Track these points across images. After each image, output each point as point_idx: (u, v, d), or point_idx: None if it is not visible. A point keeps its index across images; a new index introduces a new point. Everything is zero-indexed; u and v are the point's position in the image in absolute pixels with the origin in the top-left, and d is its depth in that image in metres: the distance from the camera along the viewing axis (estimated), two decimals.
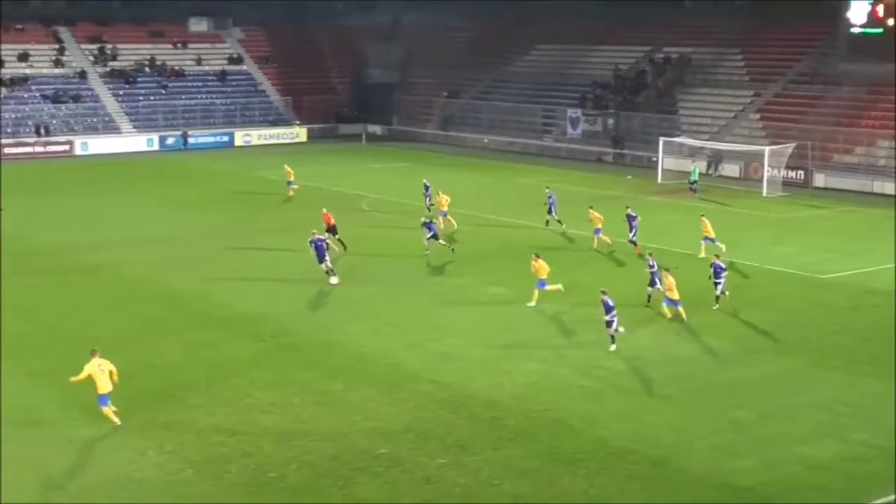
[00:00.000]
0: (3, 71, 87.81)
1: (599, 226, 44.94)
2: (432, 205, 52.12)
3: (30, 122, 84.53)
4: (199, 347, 31.95)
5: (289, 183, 59.12)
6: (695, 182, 60.80)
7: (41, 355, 31.37)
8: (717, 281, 35.50)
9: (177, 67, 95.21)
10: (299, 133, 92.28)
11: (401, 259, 43.19)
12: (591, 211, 45.67)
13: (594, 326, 33.35)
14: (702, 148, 70.01)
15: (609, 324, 31.21)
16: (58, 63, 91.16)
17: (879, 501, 21.39)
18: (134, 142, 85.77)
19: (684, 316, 33.82)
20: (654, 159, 68.72)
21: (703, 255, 42.28)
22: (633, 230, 44.08)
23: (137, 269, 41.62)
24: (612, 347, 31.18)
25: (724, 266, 35.76)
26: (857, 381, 28.92)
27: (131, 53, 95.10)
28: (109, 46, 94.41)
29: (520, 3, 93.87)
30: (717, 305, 35.53)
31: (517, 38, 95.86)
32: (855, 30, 70.96)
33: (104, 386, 25.38)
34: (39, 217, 54.09)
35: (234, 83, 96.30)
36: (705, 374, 29.64)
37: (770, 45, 79.57)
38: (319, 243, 39.27)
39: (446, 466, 23.24)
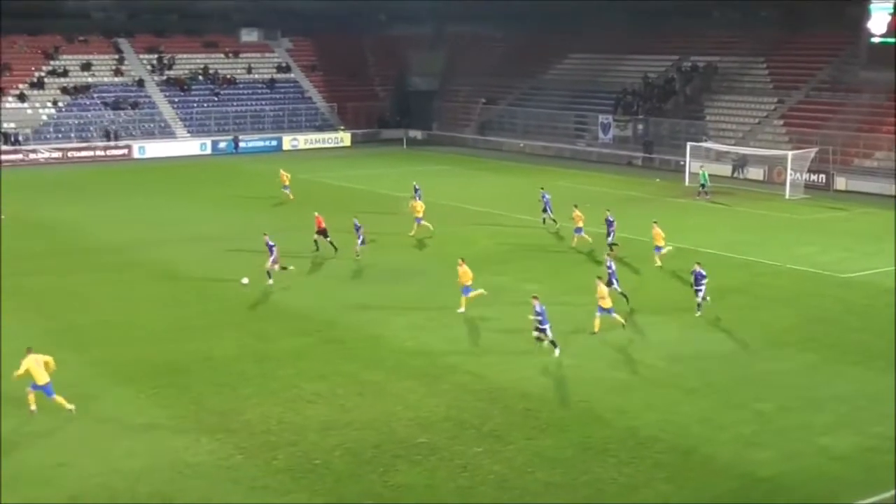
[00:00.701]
0: (67, 80, 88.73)
1: (581, 224, 44.69)
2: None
3: (91, 128, 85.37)
4: (250, 340, 32.12)
5: (284, 187, 58.79)
6: (704, 185, 60.32)
7: (101, 346, 31.68)
8: (698, 288, 34.06)
9: (228, 76, 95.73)
10: (344, 138, 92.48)
11: (440, 257, 43.24)
12: (574, 210, 45.42)
13: (626, 323, 33.38)
14: (727, 152, 69.62)
15: (543, 330, 29.95)
16: (118, 72, 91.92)
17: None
18: (188, 146, 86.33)
19: (622, 321, 32.48)
20: (682, 163, 68.39)
21: (658, 263, 41.10)
22: (611, 234, 43.59)
23: (190, 266, 41.91)
24: (557, 353, 30.01)
25: (704, 273, 34.15)
26: (875, 376, 28.67)
27: (186, 63, 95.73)
28: (166, 56, 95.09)
29: (554, 15, 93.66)
30: (700, 312, 34.13)
31: (552, 48, 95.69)
32: (875, 39, 70.32)
33: (42, 377, 25.58)
34: (101, 216, 54.58)
35: (282, 90, 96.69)
36: (730, 367, 29.47)
37: (793, 54, 78.98)
38: (271, 245, 38.93)
39: (482, 455, 23.27)
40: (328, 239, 43.60)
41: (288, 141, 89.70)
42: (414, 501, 21.24)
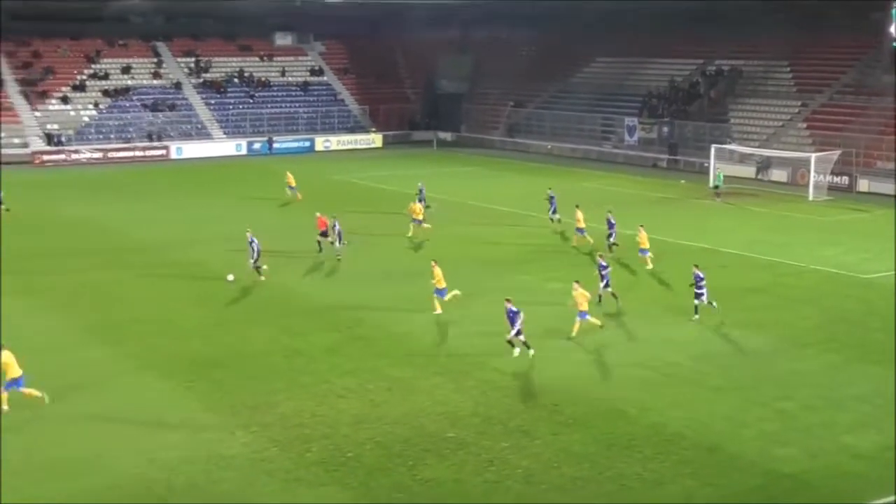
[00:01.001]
0: (108, 82, 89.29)
1: (582, 225, 44.46)
2: (428, 206, 51.54)
3: (131, 129, 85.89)
4: (281, 336, 32.18)
5: (291, 187, 58.75)
6: (718, 187, 59.81)
7: (137, 341, 31.82)
8: (699, 291, 33.27)
9: (263, 79, 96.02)
10: (375, 139, 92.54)
11: (467, 256, 43.21)
12: (576, 210, 45.19)
13: (650, 321, 33.25)
14: (751, 154, 69.19)
15: (518, 332, 29.47)
16: (156, 75, 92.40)
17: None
18: (224, 147, 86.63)
19: (599, 323, 31.96)
20: (706, 165, 67.98)
21: (649, 266, 40.51)
22: (612, 234, 43.15)
23: (223, 264, 41.96)
24: (531, 353, 29.55)
25: (702, 276, 33.33)
26: None
27: (222, 66, 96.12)
28: (203, 60, 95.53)
29: (581, 19, 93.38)
30: (697, 316, 33.36)
31: (579, 52, 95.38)
32: None
33: (16, 371, 25.69)
34: (137, 215, 54.83)
35: (315, 93, 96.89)
36: (753, 366, 29.25)
37: (817, 58, 78.35)
38: (253, 241, 39.11)
39: (509, 450, 23.19)
40: (329, 239, 43.42)
41: (321, 142, 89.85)
42: (442, 495, 21.19)
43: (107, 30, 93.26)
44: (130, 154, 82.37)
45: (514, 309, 29.52)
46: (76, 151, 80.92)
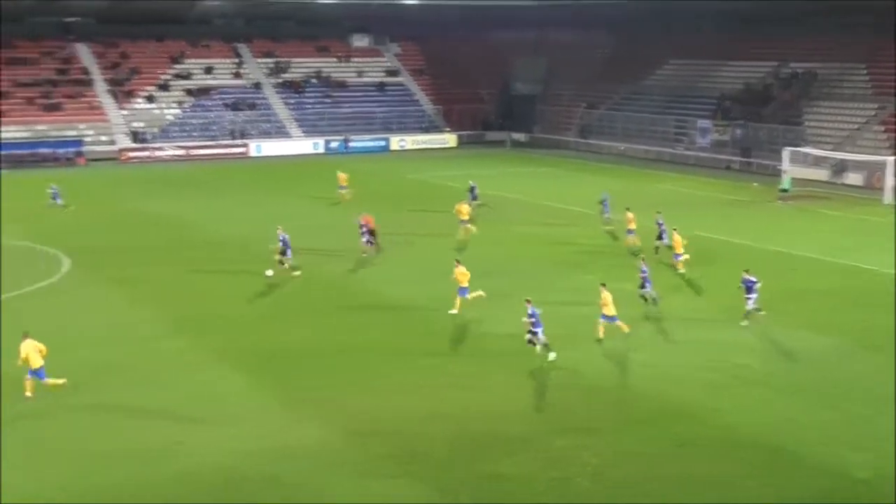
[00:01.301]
0: (191, 82, 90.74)
1: (632, 227, 44.00)
2: (482, 204, 51.91)
3: (213, 127, 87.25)
4: (351, 331, 32.39)
5: (341, 187, 58.85)
6: (786, 190, 58.89)
7: (216, 333, 32.34)
8: (748, 297, 32.46)
9: (340, 79, 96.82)
10: (449, 139, 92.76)
11: (534, 255, 43.19)
12: (627, 212, 44.77)
13: (719, 323, 32.92)
14: (825, 157, 68.08)
15: (535, 333, 29.17)
16: (237, 75, 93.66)
17: None
18: (302, 145, 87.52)
19: (626, 329, 31.13)
20: (779, 168, 67.05)
21: (681, 270, 39.73)
22: (662, 237, 42.46)
23: (296, 259, 42.37)
24: (552, 356, 29.03)
25: (754, 280, 32.57)
26: None
27: (300, 67, 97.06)
28: (282, 60, 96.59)
29: (655, 21, 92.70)
30: (747, 322, 32.53)
31: (652, 53, 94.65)
32: None
33: (37, 361, 26.10)
34: (216, 212, 55.51)
35: (391, 93, 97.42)
36: (822, 369, 28.82)
37: (894, 60, 76.78)
38: (284, 237, 39.60)
39: (576, 447, 23.13)
40: (376, 238, 43.62)
41: (396, 141, 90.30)
42: (510, 490, 21.23)
43: (190, 31, 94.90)
44: (211, 151, 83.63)
45: (534, 310, 29.30)
46: (160, 149, 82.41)
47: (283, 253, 39.65)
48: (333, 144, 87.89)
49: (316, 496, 20.98)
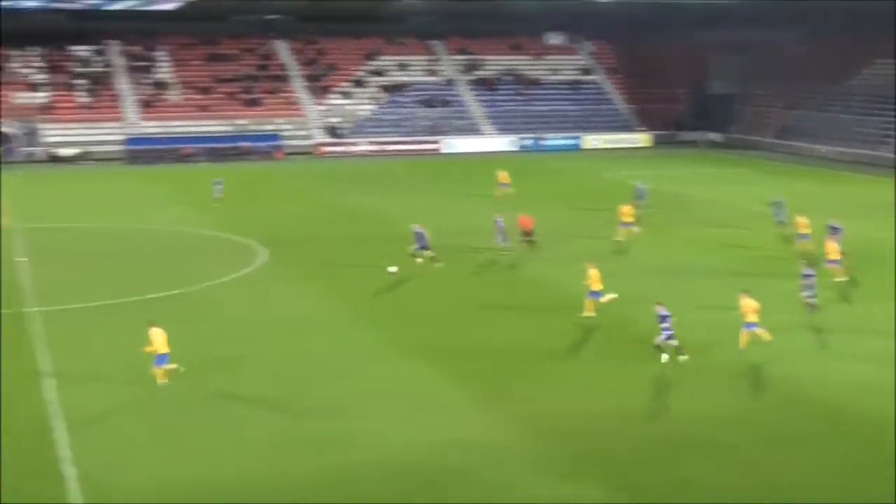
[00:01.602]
0: (385, 79, 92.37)
1: (805, 232, 42.35)
2: (647, 206, 50.71)
3: (406, 124, 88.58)
4: (534, 333, 31.81)
5: (502, 185, 58.26)
6: None
7: (395, 327, 32.70)
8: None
9: (534, 77, 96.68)
10: (642, 138, 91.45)
11: (729, 258, 41.96)
12: (797, 217, 43.46)
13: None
14: None
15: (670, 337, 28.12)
16: (431, 72, 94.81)
17: None
18: (494, 142, 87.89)
19: (768, 337, 28.91)
20: None
21: (837, 278, 37.30)
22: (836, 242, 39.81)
23: (484, 256, 42.37)
24: (682, 359, 28.16)
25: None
26: None
27: (494, 64, 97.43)
28: (475, 58, 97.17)
29: (859, 20, 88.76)
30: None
31: (855, 53, 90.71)
32: None
33: (164, 347, 26.40)
34: (404, 207, 55.34)
35: (584, 92, 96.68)
36: None
37: None
38: (420, 232, 39.91)
39: (776, 456, 22.16)
40: (533, 238, 43.16)
41: (588, 140, 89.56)
42: (703, 496, 20.50)
43: (386, 29, 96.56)
44: (404, 147, 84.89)
45: (665, 313, 28.38)
46: (354, 144, 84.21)
47: (424, 248, 39.73)
48: (527, 142, 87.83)
49: (506, 494, 20.74)
